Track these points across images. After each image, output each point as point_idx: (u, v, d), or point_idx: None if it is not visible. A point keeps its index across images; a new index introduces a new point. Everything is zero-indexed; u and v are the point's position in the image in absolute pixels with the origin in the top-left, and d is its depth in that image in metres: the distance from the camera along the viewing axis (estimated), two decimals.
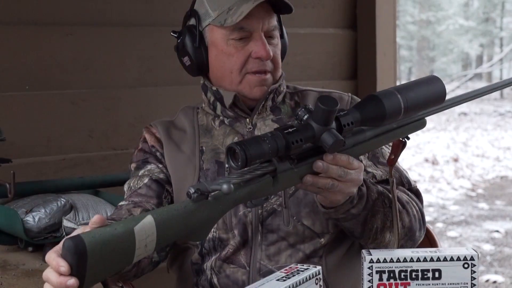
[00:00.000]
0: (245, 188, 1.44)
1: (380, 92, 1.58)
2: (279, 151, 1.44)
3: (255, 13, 1.78)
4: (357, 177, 1.59)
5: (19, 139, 2.75)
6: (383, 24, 3.74)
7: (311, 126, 1.48)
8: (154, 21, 3.09)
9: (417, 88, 1.61)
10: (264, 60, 1.82)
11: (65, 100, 2.89)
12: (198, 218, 1.39)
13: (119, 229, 1.30)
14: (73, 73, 2.90)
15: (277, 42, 1.87)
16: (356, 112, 1.55)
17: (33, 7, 2.81)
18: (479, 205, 8.50)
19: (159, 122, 1.98)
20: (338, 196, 1.61)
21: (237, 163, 1.41)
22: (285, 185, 1.53)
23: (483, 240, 6.89)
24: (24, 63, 2.79)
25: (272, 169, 1.48)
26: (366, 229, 1.74)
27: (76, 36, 2.90)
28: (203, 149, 1.90)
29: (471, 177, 10.33)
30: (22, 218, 2.14)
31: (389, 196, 1.76)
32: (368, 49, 3.73)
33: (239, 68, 1.83)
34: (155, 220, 1.33)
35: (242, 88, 1.85)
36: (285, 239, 1.82)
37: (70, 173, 2.86)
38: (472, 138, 14.68)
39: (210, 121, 1.93)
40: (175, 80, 3.12)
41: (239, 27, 1.80)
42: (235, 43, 1.82)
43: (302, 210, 1.81)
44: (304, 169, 1.52)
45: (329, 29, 3.68)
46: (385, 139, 1.67)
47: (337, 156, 1.53)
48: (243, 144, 1.40)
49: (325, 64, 3.66)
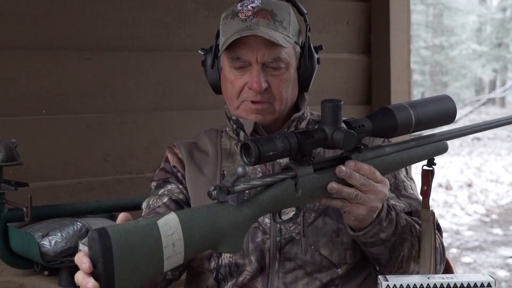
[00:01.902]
0: (267, 191, 1.48)
1: (392, 105, 1.63)
2: (291, 148, 1.47)
3: (251, 44, 1.79)
4: (381, 190, 1.60)
5: (36, 163, 2.76)
6: (397, 50, 3.75)
7: (321, 128, 1.53)
8: (169, 46, 3.11)
9: (429, 105, 1.67)
10: (256, 92, 1.82)
11: (82, 124, 2.91)
12: (224, 220, 1.41)
13: (142, 222, 1.32)
14: (89, 97, 2.92)
15: (283, 73, 1.85)
16: (368, 121, 1.59)
17: (51, 32, 2.84)
18: (494, 230, 8.44)
19: (182, 143, 1.99)
20: (362, 210, 1.60)
21: (250, 159, 1.44)
22: (309, 193, 1.53)
23: (497, 266, 6.84)
24: (42, 87, 2.81)
25: (293, 174, 1.51)
26: (393, 256, 1.74)
27: (93, 60, 2.93)
28: (224, 174, 1.90)
29: (485, 203, 10.27)
30: (39, 242, 2.14)
31: (415, 226, 1.78)
32: (382, 74, 3.74)
33: (236, 95, 1.85)
34: (178, 217, 1.35)
35: (239, 113, 1.87)
36: (302, 267, 1.81)
37: (86, 197, 2.87)
38: (486, 163, 14.60)
39: (233, 146, 1.94)
40: (190, 105, 3.14)
41: (236, 57, 1.82)
42: (234, 71, 1.84)
43: (320, 239, 1.81)
44: (326, 177, 1.54)
45: (343, 54, 3.69)
46: (407, 158, 1.69)
47: (359, 164, 1.56)
48: (257, 140, 1.44)
49: (339, 89, 3.67)
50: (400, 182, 1.90)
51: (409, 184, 1.92)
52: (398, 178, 1.90)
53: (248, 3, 1.85)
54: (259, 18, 1.81)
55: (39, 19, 2.82)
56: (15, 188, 2.22)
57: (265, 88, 1.81)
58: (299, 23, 1.91)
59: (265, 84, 1.81)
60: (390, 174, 1.86)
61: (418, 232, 1.78)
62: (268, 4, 1.85)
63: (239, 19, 1.82)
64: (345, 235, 1.80)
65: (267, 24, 1.80)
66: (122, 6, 3.01)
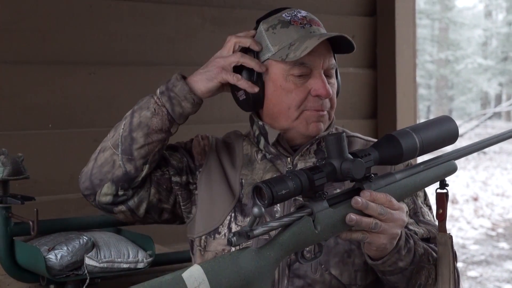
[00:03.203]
0: (286, 232, 1.47)
1: (396, 132, 1.63)
2: (303, 185, 1.47)
3: (317, 50, 1.77)
4: (400, 217, 1.59)
5: (42, 177, 2.77)
6: (403, 64, 3.76)
7: (329, 162, 1.53)
8: (175, 60, 3.12)
9: (431, 128, 1.68)
10: (323, 99, 1.81)
11: (88, 138, 2.91)
12: (248, 266, 1.41)
13: (166, 277, 1.32)
14: (95, 111, 2.93)
15: (334, 82, 1.86)
16: (373, 149, 1.59)
17: (57, 46, 2.85)
18: (500, 244, 8.42)
19: (214, 138, 1.98)
20: (383, 239, 1.59)
21: (263, 201, 1.43)
22: (328, 227, 1.52)
23: (504, 280, 6.82)
24: (48, 101, 2.83)
25: (309, 211, 1.51)
26: (410, 284, 1.73)
27: (99, 75, 2.94)
28: (242, 182, 1.88)
29: (491, 216, 10.25)
30: (45, 256, 2.14)
31: (433, 254, 1.76)
32: (388, 89, 3.75)
33: (297, 104, 1.81)
34: (202, 267, 1.35)
35: (298, 123, 1.82)
36: (311, 286, 1.78)
37: (92, 211, 2.85)
38: (491, 177, 14.57)
39: (253, 152, 1.91)
40: (196, 118, 3.12)
41: (300, 63, 1.78)
42: (294, 79, 1.80)
43: (331, 259, 1.79)
44: (342, 209, 1.54)
45: (349, 69, 3.70)
46: (419, 182, 1.68)
47: (374, 193, 1.55)
48: (268, 182, 1.43)
49: (345, 103, 3.68)
50: (418, 208, 1.88)
51: (426, 211, 1.90)
52: (417, 204, 1.89)
53: (295, 13, 1.84)
54: (315, 26, 1.82)
55: (45, 34, 2.83)
56: (21, 202, 2.22)
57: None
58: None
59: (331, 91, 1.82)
60: (410, 199, 1.86)
61: (435, 260, 1.76)
62: (312, 14, 1.87)
63: (295, 27, 1.81)
64: (357, 256, 1.79)
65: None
66: (128, 21, 3.02)
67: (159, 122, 1.82)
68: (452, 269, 1.73)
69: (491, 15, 29.03)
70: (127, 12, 3.04)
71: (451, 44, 25.71)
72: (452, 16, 25.18)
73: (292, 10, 1.85)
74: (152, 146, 1.82)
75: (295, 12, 1.84)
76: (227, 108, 3.19)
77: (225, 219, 1.85)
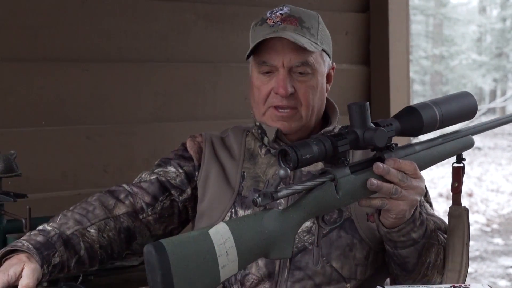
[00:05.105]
0: (309, 195, 1.51)
1: (416, 104, 1.67)
2: (327, 152, 1.50)
3: (278, 48, 1.82)
4: (419, 185, 1.63)
5: (35, 174, 2.77)
6: (397, 60, 3.76)
7: (352, 130, 1.56)
8: (168, 57, 3.12)
9: (451, 102, 1.72)
10: (282, 96, 1.83)
11: (81, 135, 2.91)
12: (272, 226, 1.44)
13: (193, 233, 1.36)
14: (88, 108, 2.93)
15: (310, 79, 1.87)
16: (395, 120, 1.63)
17: (50, 43, 2.85)
18: (494, 240, 8.43)
19: (209, 135, 2.00)
20: (403, 206, 1.62)
21: (288, 165, 1.46)
22: (349, 193, 1.56)
23: (498, 276, 6.83)
24: (41, 98, 2.82)
25: (332, 177, 1.54)
26: (420, 262, 1.75)
27: (92, 72, 2.94)
28: (244, 175, 1.91)
29: (485, 212, 10.26)
30: None
31: (440, 236, 1.81)
32: (382, 85, 3.75)
33: (262, 101, 1.87)
34: (228, 225, 1.39)
35: (265, 119, 1.88)
36: (311, 278, 1.80)
37: None
38: (486, 173, 14.58)
39: (257, 147, 1.95)
40: (189, 116, 3.14)
41: (262, 61, 1.84)
42: (261, 77, 1.86)
43: (333, 252, 1.81)
44: (364, 176, 1.58)
45: (342, 65, 3.69)
46: (437, 154, 1.72)
47: (399, 161, 1.60)
48: (294, 146, 1.46)
49: (338, 100, 3.65)
50: (421, 202, 1.90)
51: (428, 207, 1.94)
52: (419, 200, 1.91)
53: (277, 11, 1.88)
54: (286, 24, 1.84)
55: (38, 31, 2.83)
56: (14, 200, 2.22)
57: (291, 93, 1.83)
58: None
59: (291, 89, 1.83)
60: None
61: (443, 242, 1.80)
62: (297, 12, 1.88)
63: (267, 25, 1.85)
64: (358, 250, 1.82)
65: (294, 30, 1.83)
66: (121, 18, 3.02)
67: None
68: (466, 240, 1.78)
69: (485, 11, 29.04)
70: (120, 9, 3.03)
71: (446, 40, 25.73)
72: (446, 12, 25.18)
73: (278, 7, 1.89)
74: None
75: (278, 10, 1.88)
76: (220, 105, 3.19)
77: (226, 215, 1.87)
